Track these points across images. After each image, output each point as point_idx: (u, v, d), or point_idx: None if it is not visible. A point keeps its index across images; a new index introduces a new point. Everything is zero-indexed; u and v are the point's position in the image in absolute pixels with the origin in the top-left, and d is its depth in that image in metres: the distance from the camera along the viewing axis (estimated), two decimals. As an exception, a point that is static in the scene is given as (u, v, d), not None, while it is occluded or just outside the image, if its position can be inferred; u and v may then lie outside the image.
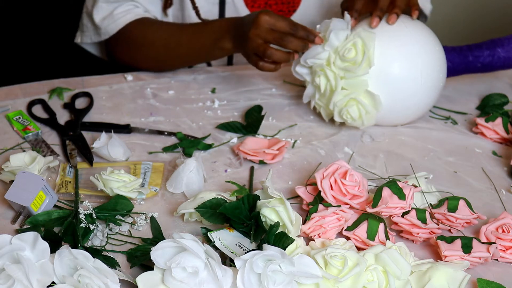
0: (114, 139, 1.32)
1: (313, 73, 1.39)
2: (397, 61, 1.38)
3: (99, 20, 1.57)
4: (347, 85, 1.37)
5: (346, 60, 1.35)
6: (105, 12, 1.57)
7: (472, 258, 1.13)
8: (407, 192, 1.18)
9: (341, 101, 1.37)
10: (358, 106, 1.38)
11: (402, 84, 1.38)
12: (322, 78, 1.38)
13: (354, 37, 1.36)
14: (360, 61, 1.35)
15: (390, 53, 1.38)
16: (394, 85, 1.38)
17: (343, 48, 1.36)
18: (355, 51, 1.36)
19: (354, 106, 1.38)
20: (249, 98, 1.52)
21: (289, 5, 1.67)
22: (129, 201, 1.20)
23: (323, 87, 1.38)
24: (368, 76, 1.36)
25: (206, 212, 1.15)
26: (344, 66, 1.36)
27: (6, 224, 1.18)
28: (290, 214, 1.13)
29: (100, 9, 1.57)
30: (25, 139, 1.37)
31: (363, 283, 1.06)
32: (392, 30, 1.39)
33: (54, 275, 1.02)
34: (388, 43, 1.38)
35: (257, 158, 1.34)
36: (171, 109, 1.48)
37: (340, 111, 1.38)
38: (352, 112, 1.38)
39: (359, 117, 1.39)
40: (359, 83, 1.37)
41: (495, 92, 1.57)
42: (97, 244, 1.14)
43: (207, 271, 1.03)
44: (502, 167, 1.38)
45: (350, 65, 1.36)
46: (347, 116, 1.39)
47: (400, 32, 1.39)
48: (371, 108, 1.38)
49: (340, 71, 1.36)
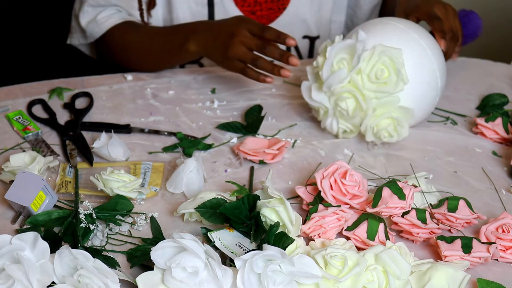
0: (114, 139, 1.32)
1: (336, 98, 1.34)
2: (415, 68, 1.35)
3: (85, 24, 1.60)
4: (378, 105, 1.34)
5: (379, 81, 1.32)
6: (90, 16, 1.59)
7: (472, 258, 1.13)
8: (407, 192, 1.18)
9: (375, 122, 1.34)
10: (394, 123, 1.35)
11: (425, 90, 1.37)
12: (350, 102, 1.34)
13: (379, 56, 1.32)
14: (395, 80, 1.31)
15: (409, 64, 1.34)
16: (417, 92, 1.36)
17: (372, 69, 1.32)
18: (387, 70, 1.32)
19: (391, 125, 1.35)
20: (249, 98, 1.52)
21: (279, 3, 1.67)
22: (129, 201, 1.20)
23: (352, 111, 1.34)
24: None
25: (206, 212, 1.15)
26: (376, 87, 1.32)
27: (6, 224, 1.18)
28: (290, 214, 1.13)
29: (85, 13, 1.59)
30: (25, 139, 1.37)
31: (363, 283, 1.06)
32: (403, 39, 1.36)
33: (54, 275, 1.02)
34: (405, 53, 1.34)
35: (257, 158, 1.34)
36: (171, 109, 1.48)
37: (377, 132, 1.35)
38: (390, 130, 1.35)
39: (395, 133, 1.36)
40: (392, 100, 1.34)
41: (495, 92, 1.57)
42: (97, 244, 1.14)
43: (207, 271, 1.03)
44: (502, 167, 1.38)
45: (383, 85, 1.32)
46: (385, 135, 1.36)
47: (411, 40, 1.37)
48: (404, 121, 1.35)
49: (371, 92, 1.33)
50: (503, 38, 2.70)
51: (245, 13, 1.66)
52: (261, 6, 1.66)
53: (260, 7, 1.66)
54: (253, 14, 1.66)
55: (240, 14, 1.65)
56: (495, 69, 1.70)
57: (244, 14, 1.66)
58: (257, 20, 1.66)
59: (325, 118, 1.39)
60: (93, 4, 1.59)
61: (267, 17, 1.68)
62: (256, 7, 1.66)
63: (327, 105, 1.37)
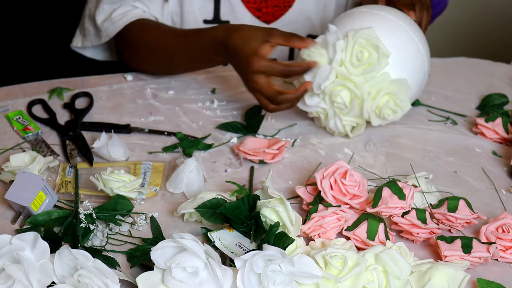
0: (114, 139, 1.32)
1: (329, 95, 1.35)
2: (396, 42, 1.36)
3: (100, 22, 1.57)
4: (371, 87, 1.34)
5: (362, 64, 1.33)
6: (106, 14, 1.57)
7: (472, 258, 1.13)
8: (407, 192, 1.18)
9: (374, 104, 1.34)
10: (392, 98, 1.35)
11: (410, 61, 1.38)
12: (344, 94, 1.34)
13: (354, 40, 1.33)
14: (377, 56, 1.33)
15: (385, 38, 1.35)
16: (403, 65, 1.36)
17: (351, 55, 1.33)
18: (366, 50, 1.33)
19: (391, 101, 1.35)
20: (249, 98, 1.52)
21: (284, 1, 1.67)
22: (129, 201, 1.20)
23: (349, 101, 1.34)
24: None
25: (206, 212, 1.15)
26: (363, 70, 1.33)
27: (6, 224, 1.18)
28: (290, 214, 1.13)
29: (102, 10, 1.57)
30: (25, 139, 1.37)
31: (363, 283, 1.06)
32: (373, 19, 1.37)
33: (54, 275, 1.02)
34: (377, 31, 1.35)
35: (257, 158, 1.34)
36: (171, 109, 1.48)
37: (380, 113, 1.35)
38: (391, 106, 1.35)
39: (397, 107, 1.35)
40: (382, 77, 1.34)
41: (495, 92, 1.57)
42: (97, 244, 1.14)
43: (207, 271, 1.03)
44: (502, 167, 1.38)
45: (368, 65, 1.33)
46: (388, 112, 1.35)
47: (380, 17, 1.38)
48: (402, 94, 1.35)
49: (359, 77, 1.33)
50: (503, 38, 2.70)
51: (250, 10, 1.65)
52: (266, 3, 1.66)
53: (266, 4, 1.66)
54: (258, 11, 1.66)
55: (246, 11, 1.65)
56: (495, 69, 1.70)
57: (250, 11, 1.65)
58: (262, 17, 1.66)
59: (328, 121, 1.39)
60: (110, 0, 1.57)
61: (273, 14, 1.68)
62: (262, 4, 1.66)
63: (324, 106, 1.37)
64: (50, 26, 2.38)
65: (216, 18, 1.65)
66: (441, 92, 1.58)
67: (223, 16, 1.65)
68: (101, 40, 1.60)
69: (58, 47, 2.15)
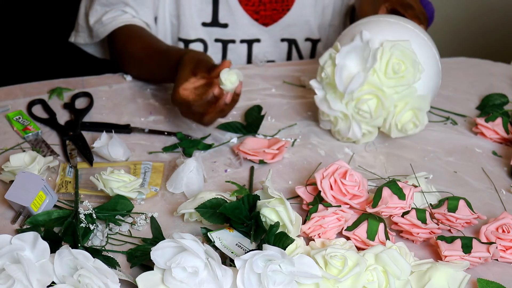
0: (114, 139, 1.32)
1: (356, 102, 1.33)
2: (424, 57, 1.36)
3: (92, 22, 1.59)
4: (399, 100, 1.34)
5: (398, 75, 1.32)
6: (98, 16, 1.59)
7: (472, 258, 1.13)
8: (407, 192, 1.18)
9: (398, 118, 1.34)
10: (416, 113, 1.35)
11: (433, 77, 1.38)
12: (371, 103, 1.33)
13: (391, 51, 1.32)
14: (413, 72, 1.32)
15: (417, 52, 1.35)
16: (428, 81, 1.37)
17: (387, 65, 1.32)
18: (403, 63, 1.32)
19: (414, 116, 1.35)
20: (248, 98, 1.52)
21: (283, 4, 1.67)
22: (129, 201, 1.20)
23: (374, 112, 1.33)
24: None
25: (206, 212, 1.15)
26: (395, 82, 1.32)
27: (6, 224, 1.18)
28: (290, 214, 1.13)
29: (94, 11, 1.59)
30: (25, 139, 1.37)
31: (363, 283, 1.06)
32: (403, 32, 1.37)
33: (54, 275, 1.02)
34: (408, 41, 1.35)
35: (257, 158, 1.34)
36: (171, 109, 1.48)
37: (402, 127, 1.35)
38: (414, 121, 1.35)
39: (419, 123, 1.36)
40: (410, 92, 1.34)
41: (495, 92, 1.57)
42: (97, 244, 1.14)
43: (207, 271, 1.03)
44: (502, 167, 1.38)
45: (401, 78, 1.32)
46: (410, 127, 1.35)
47: (409, 31, 1.38)
48: (423, 109, 1.35)
49: (390, 89, 1.33)
50: (503, 38, 2.70)
51: (249, 13, 1.66)
52: (265, 6, 1.66)
53: (264, 7, 1.66)
54: (257, 14, 1.66)
55: (244, 13, 1.65)
56: (495, 69, 1.70)
57: (248, 13, 1.66)
58: (260, 20, 1.66)
59: (344, 126, 1.37)
60: (103, 2, 1.58)
61: (271, 18, 1.68)
62: (260, 7, 1.66)
63: (346, 112, 1.35)
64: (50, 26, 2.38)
65: (215, 21, 1.66)
66: (441, 92, 1.57)
67: (222, 19, 1.66)
68: (92, 40, 1.62)
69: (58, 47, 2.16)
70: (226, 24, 1.67)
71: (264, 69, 1.62)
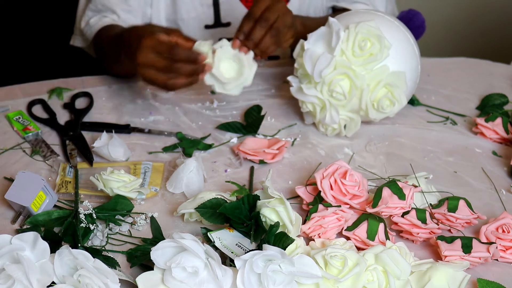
0: (114, 139, 1.32)
1: (329, 84, 1.35)
2: (394, 38, 1.37)
3: (83, 26, 1.62)
4: (370, 79, 1.35)
5: (364, 53, 1.33)
6: (87, 19, 1.61)
7: (472, 258, 1.13)
8: (407, 192, 1.18)
9: (372, 96, 1.35)
10: (390, 90, 1.35)
11: (407, 59, 1.38)
12: (344, 84, 1.34)
13: (356, 30, 1.34)
14: (379, 47, 1.33)
15: (385, 32, 1.36)
16: (401, 61, 1.37)
17: (353, 45, 1.34)
18: (369, 40, 1.34)
19: (389, 93, 1.35)
20: (248, 98, 1.52)
21: None
22: (129, 201, 1.20)
23: (348, 91, 1.34)
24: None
25: (206, 212, 1.15)
26: (364, 60, 1.34)
27: (6, 224, 1.18)
28: (290, 214, 1.13)
29: (86, 16, 1.61)
30: (25, 139, 1.37)
31: (363, 283, 1.06)
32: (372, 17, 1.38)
33: (54, 275, 1.02)
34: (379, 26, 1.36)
35: (257, 158, 1.34)
36: (170, 109, 1.48)
37: (378, 105, 1.36)
38: (389, 97, 1.35)
39: (395, 100, 1.36)
40: (381, 70, 1.35)
41: (495, 92, 1.57)
42: (97, 244, 1.14)
43: (207, 271, 1.03)
44: (502, 167, 1.38)
45: (369, 56, 1.34)
46: (386, 103, 1.36)
47: (379, 16, 1.40)
48: (400, 87, 1.36)
49: (359, 67, 1.34)
50: (503, 38, 2.70)
51: None
52: None
53: None
54: None
55: (246, 10, 1.65)
56: (495, 69, 1.70)
57: None
58: None
59: (323, 114, 1.39)
60: (93, 9, 1.60)
61: None
62: None
63: (321, 97, 1.37)
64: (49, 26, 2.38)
65: (217, 22, 1.66)
66: (440, 92, 1.58)
67: (223, 18, 1.66)
68: (84, 43, 1.64)
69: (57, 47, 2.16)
70: (228, 23, 1.67)
71: (264, 69, 1.62)
